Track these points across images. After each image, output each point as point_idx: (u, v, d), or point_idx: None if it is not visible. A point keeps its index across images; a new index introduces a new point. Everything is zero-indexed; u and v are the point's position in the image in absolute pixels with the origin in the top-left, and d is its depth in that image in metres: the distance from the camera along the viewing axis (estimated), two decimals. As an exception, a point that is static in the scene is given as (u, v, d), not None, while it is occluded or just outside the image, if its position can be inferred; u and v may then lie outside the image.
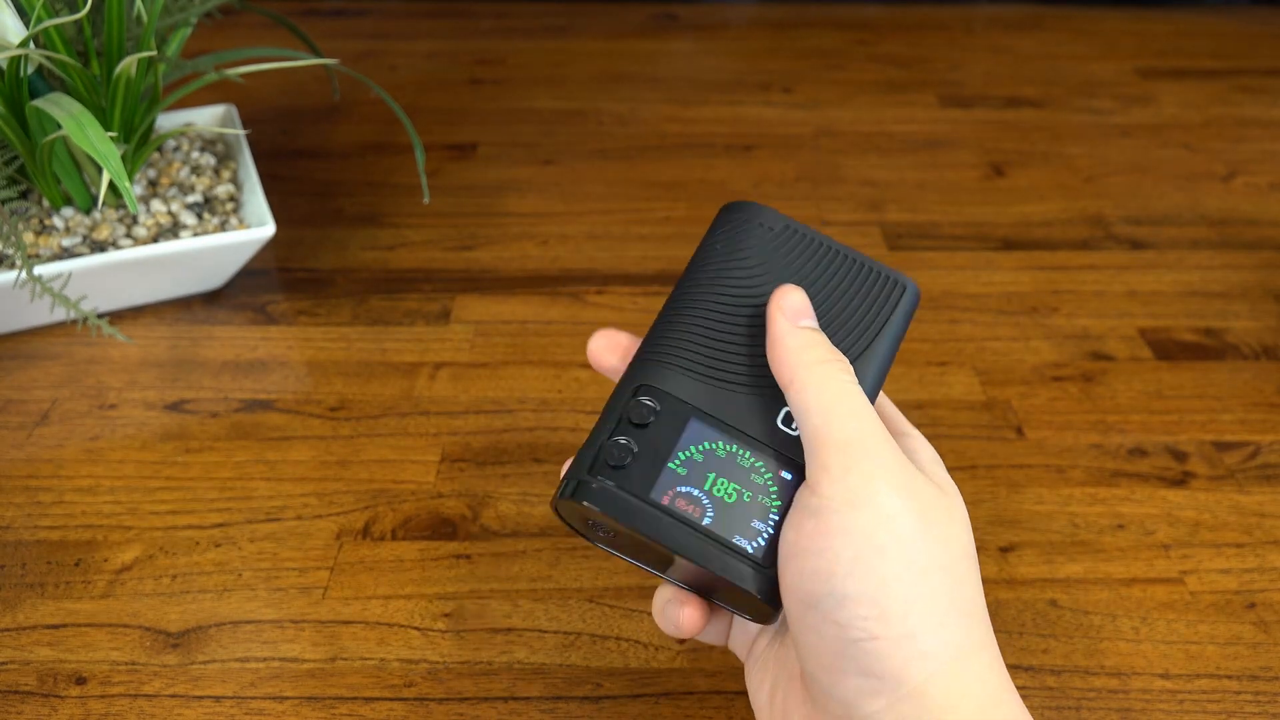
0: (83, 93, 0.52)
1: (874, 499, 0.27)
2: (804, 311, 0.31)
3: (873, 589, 0.26)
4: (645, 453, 0.30)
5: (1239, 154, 0.78)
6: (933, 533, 0.27)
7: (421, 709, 0.38)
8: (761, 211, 0.34)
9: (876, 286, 0.34)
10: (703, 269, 0.33)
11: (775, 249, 0.34)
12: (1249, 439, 0.51)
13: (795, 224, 0.34)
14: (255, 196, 0.59)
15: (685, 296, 0.33)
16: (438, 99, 0.85)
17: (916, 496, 0.27)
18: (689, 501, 0.29)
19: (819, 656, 0.27)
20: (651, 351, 0.32)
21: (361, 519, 0.46)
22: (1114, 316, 0.60)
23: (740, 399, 0.31)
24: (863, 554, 0.26)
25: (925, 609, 0.26)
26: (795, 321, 0.30)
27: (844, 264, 0.34)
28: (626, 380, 0.32)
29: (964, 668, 0.26)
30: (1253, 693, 0.39)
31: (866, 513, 0.26)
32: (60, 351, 0.56)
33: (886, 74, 0.91)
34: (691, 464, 0.30)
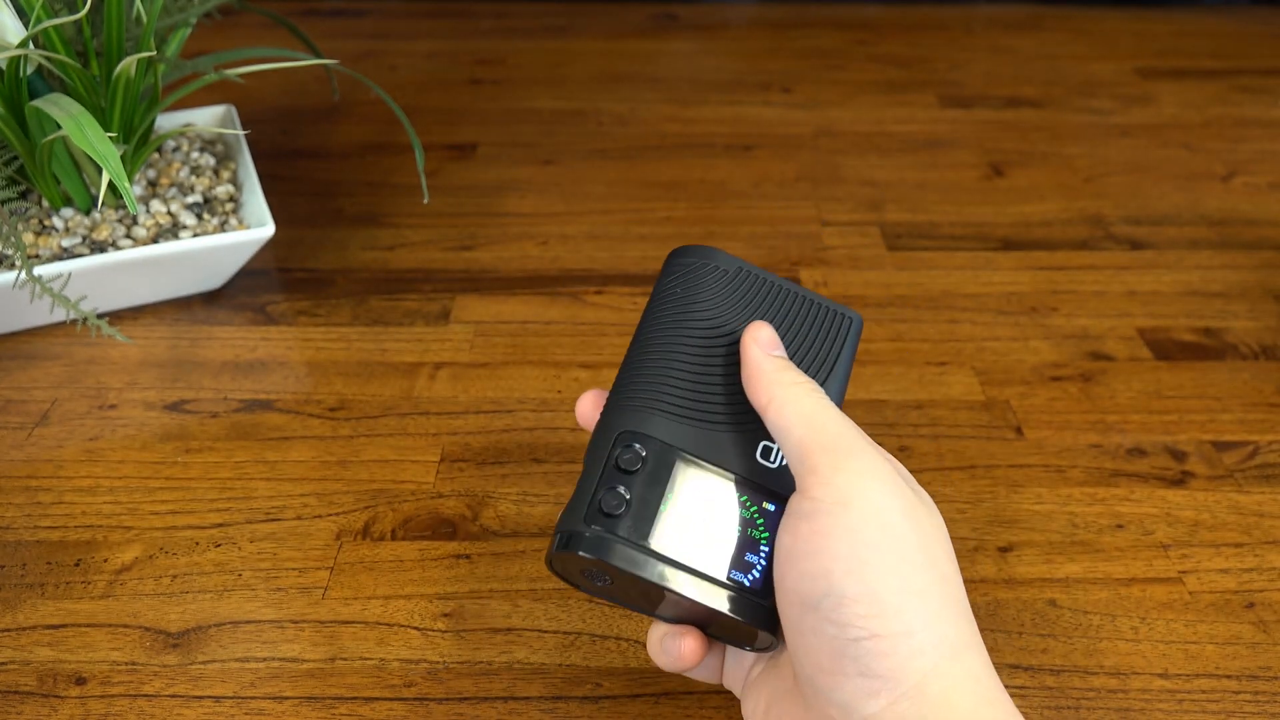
0: (82, 93, 0.52)
1: (864, 496, 0.27)
2: (775, 344, 0.33)
3: (870, 586, 0.26)
4: (638, 499, 0.31)
5: (1239, 154, 0.78)
6: (920, 529, 0.28)
7: (421, 709, 0.38)
8: (713, 254, 0.36)
9: (826, 321, 0.36)
10: (663, 312, 0.35)
11: (730, 290, 0.35)
12: (1248, 439, 0.51)
13: (745, 264, 0.36)
14: (255, 197, 0.59)
15: (651, 340, 0.34)
16: (438, 99, 0.85)
17: (902, 494, 0.28)
18: (682, 545, 0.30)
19: (818, 660, 0.27)
20: (627, 397, 0.33)
21: (361, 519, 0.46)
22: (1113, 316, 0.60)
23: (718, 436, 0.32)
24: (858, 551, 0.27)
25: (920, 605, 0.26)
26: (772, 349, 0.32)
27: (795, 301, 0.36)
28: (605, 428, 0.32)
29: (958, 664, 0.27)
30: (1252, 693, 0.39)
31: (857, 510, 0.27)
32: (60, 352, 0.56)
33: (886, 74, 0.91)
34: (680, 509, 0.31)
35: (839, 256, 0.65)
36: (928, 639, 0.26)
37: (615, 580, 0.31)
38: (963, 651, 0.27)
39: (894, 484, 0.28)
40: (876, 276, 0.63)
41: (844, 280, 0.63)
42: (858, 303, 0.61)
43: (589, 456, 0.32)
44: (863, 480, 0.28)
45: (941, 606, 0.27)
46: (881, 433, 0.51)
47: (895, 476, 0.29)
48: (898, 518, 0.27)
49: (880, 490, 0.28)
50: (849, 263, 0.64)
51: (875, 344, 0.57)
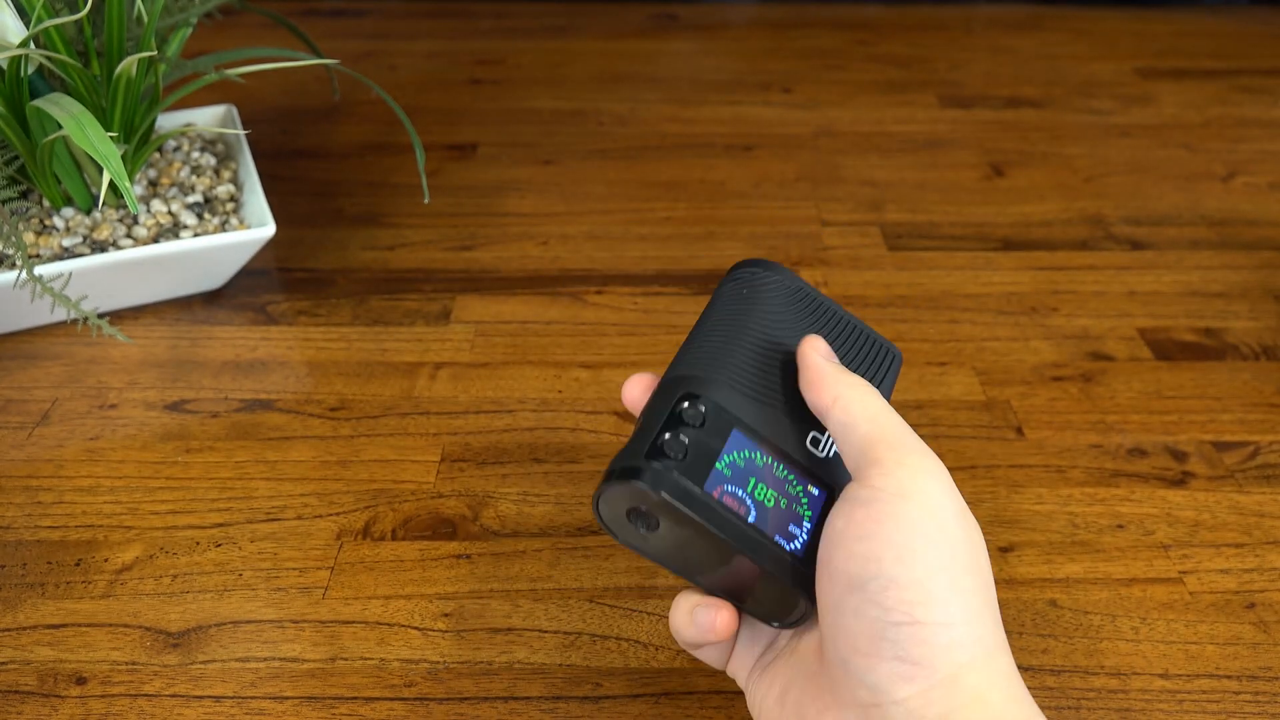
0: (83, 93, 0.52)
1: (924, 491, 0.28)
2: (831, 355, 0.34)
3: (920, 575, 0.27)
4: (695, 449, 0.31)
5: (1239, 154, 0.78)
6: (969, 533, 0.29)
7: (421, 709, 0.38)
8: (776, 268, 0.37)
9: (873, 351, 0.37)
10: (728, 307, 0.36)
11: (790, 301, 0.36)
12: (1248, 439, 0.51)
13: (805, 284, 0.37)
14: (255, 196, 0.59)
15: (716, 327, 0.35)
16: (438, 99, 0.85)
17: (957, 498, 0.29)
18: (735, 500, 0.31)
19: (855, 640, 0.28)
20: (692, 364, 0.33)
21: (361, 519, 0.46)
22: (1113, 316, 0.60)
23: (775, 416, 0.33)
24: (912, 542, 0.27)
25: (963, 602, 0.27)
26: (830, 358, 0.33)
27: (847, 327, 0.37)
28: (669, 386, 0.33)
29: (992, 663, 0.27)
30: (1252, 693, 0.39)
31: (917, 503, 0.28)
32: (60, 351, 0.56)
33: (886, 74, 0.91)
34: (735, 468, 0.31)
35: (839, 256, 0.65)
36: (967, 634, 0.27)
37: (664, 526, 0.31)
38: (996, 652, 0.28)
39: (950, 487, 0.29)
40: (876, 276, 0.63)
41: (844, 280, 0.63)
42: (858, 302, 0.61)
43: (647, 412, 0.33)
44: (923, 477, 0.29)
45: (982, 607, 0.28)
46: (882, 433, 0.51)
47: (950, 480, 0.30)
48: (951, 518, 0.28)
49: (938, 489, 0.29)
50: (849, 263, 0.64)
51: (875, 344, 0.57)
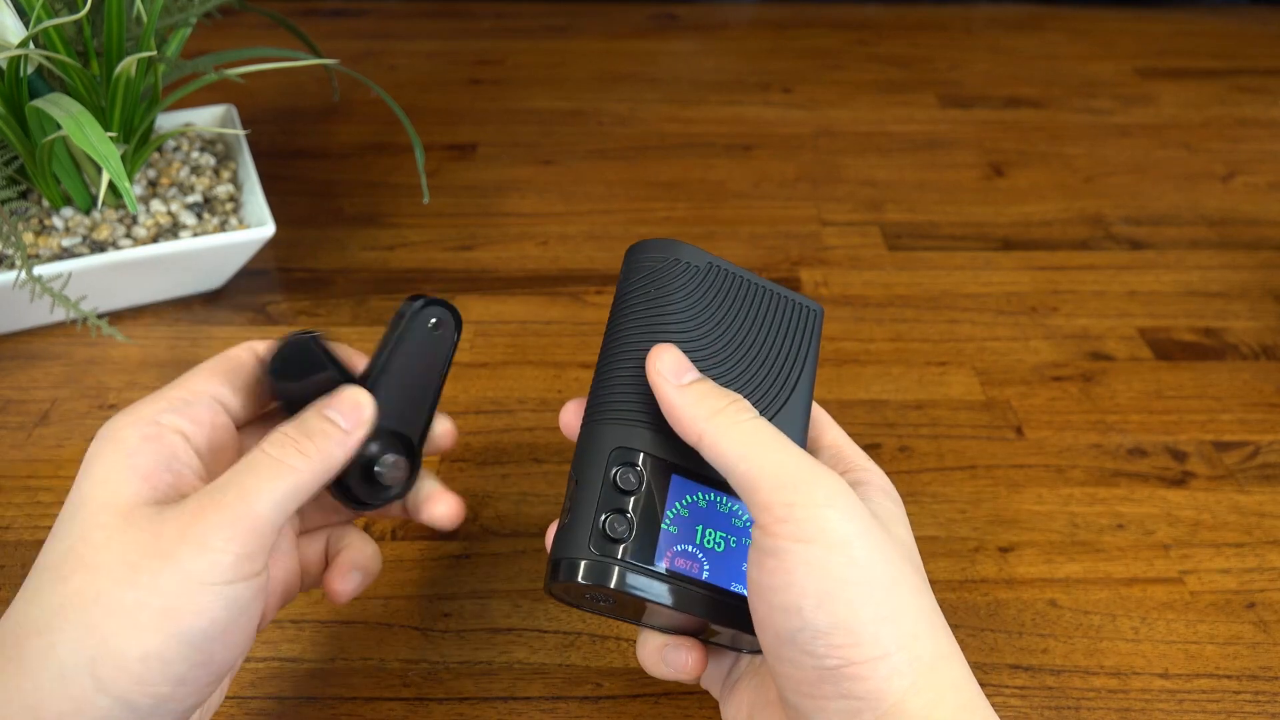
0: (83, 93, 0.52)
1: (823, 530, 0.27)
2: (682, 368, 0.31)
3: (843, 617, 0.26)
4: (640, 520, 0.30)
5: (1238, 154, 0.78)
6: (883, 550, 0.28)
7: (421, 709, 0.38)
8: (676, 248, 0.34)
9: (791, 315, 0.35)
10: (633, 315, 0.33)
11: (697, 287, 0.34)
12: (1249, 439, 0.51)
13: (709, 258, 0.35)
14: (255, 196, 0.59)
15: (625, 347, 0.33)
16: (438, 99, 0.85)
17: (859, 516, 0.28)
18: (686, 559, 0.30)
19: (798, 686, 0.27)
20: (611, 409, 0.32)
21: (361, 521, 0.46)
22: (1113, 316, 0.60)
23: None
24: (825, 585, 0.27)
25: (893, 629, 0.27)
26: (679, 380, 0.30)
27: (761, 296, 0.35)
28: (594, 443, 0.32)
29: (938, 677, 0.27)
30: (1252, 692, 0.39)
31: (820, 545, 0.27)
32: (60, 351, 0.56)
33: (886, 74, 0.91)
34: (680, 520, 0.31)
35: (839, 256, 0.65)
36: (903, 659, 0.27)
37: (619, 601, 0.31)
38: (939, 663, 0.27)
39: (849, 508, 0.28)
40: (876, 276, 0.63)
41: (844, 280, 0.63)
42: (858, 303, 0.61)
43: (581, 472, 0.31)
44: (818, 512, 0.27)
45: (914, 624, 0.27)
46: (882, 433, 0.51)
47: (848, 497, 0.28)
48: (861, 543, 0.27)
49: (838, 519, 0.27)
50: (849, 263, 0.64)
51: (875, 344, 0.57)
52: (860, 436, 0.50)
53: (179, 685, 0.27)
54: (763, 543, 0.28)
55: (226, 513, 0.27)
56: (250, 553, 0.27)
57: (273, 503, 0.28)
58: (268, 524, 0.28)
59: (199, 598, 0.26)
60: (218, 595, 0.27)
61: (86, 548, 0.27)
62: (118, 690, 0.26)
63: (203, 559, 0.27)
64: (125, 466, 0.28)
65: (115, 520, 0.27)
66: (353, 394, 0.31)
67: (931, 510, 0.47)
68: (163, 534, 0.27)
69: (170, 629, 0.26)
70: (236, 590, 0.27)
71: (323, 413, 0.30)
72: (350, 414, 0.31)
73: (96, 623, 0.26)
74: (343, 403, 0.31)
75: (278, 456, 0.29)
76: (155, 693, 0.26)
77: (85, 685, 0.25)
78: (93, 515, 0.27)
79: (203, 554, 0.27)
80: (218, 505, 0.27)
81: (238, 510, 0.27)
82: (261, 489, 0.28)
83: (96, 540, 0.27)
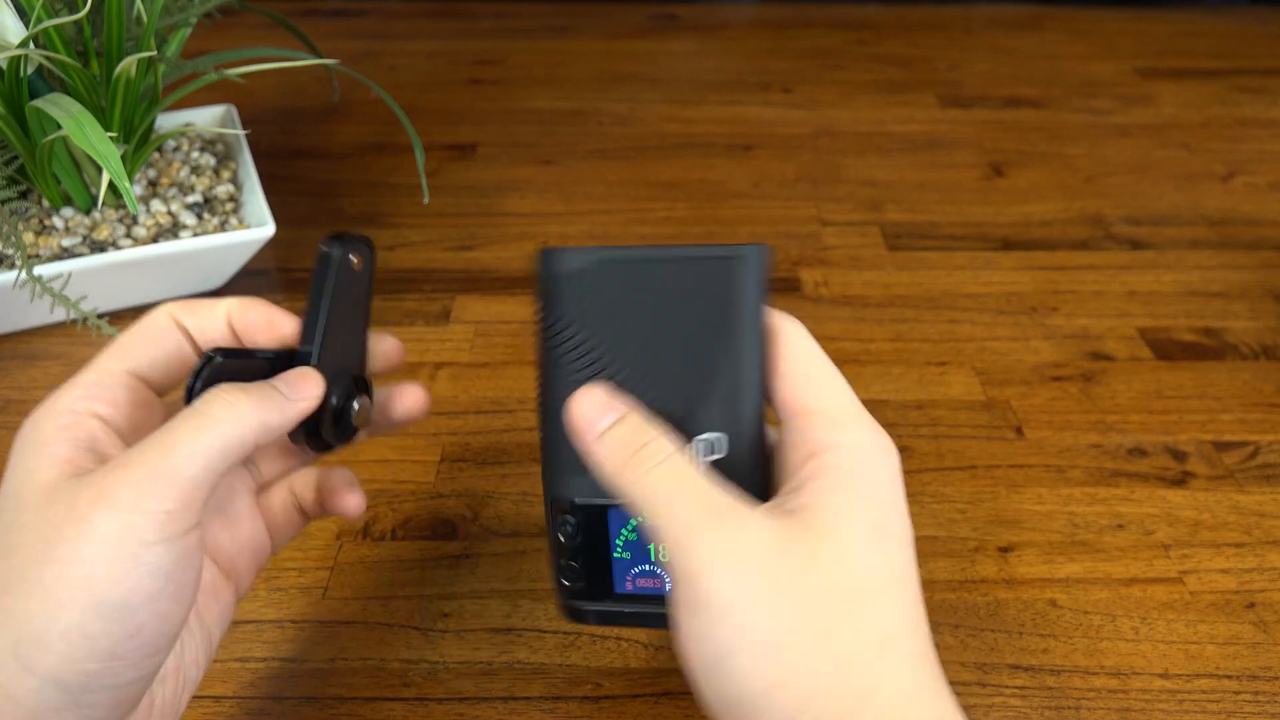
0: (83, 93, 0.52)
1: (707, 600, 0.25)
2: (597, 414, 0.29)
3: (731, 693, 0.25)
4: (588, 562, 0.32)
5: (1238, 154, 0.78)
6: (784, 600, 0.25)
7: (421, 709, 0.38)
8: (566, 258, 0.31)
9: (714, 276, 0.30)
10: (548, 347, 0.31)
11: (601, 296, 0.30)
12: (1249, 439, 0.51)
13: (603, 253, 0.31)
14: (255, 196, 0.59)
15: (547, 384, 0.31)
16: (438, 99, 0.85)
17: (752, 571, 0.25)
18: (647, 577, 0.32)
19: None
20: (547, 453, 0.32)
21: (361, 519, 0.46)
22: (1113, 316, 0.60)
23: None
24: (713, 658, 0.25)
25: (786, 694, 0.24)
26: (594, 431, 0.28)
27: (673, 270, 0.30)
28: (544, 485, 0.32)
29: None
30: (1252, 693, 0.39)
31: (704, 616, 0.25)
32: (60, 351, 0.56)
33: (886, 74, 0.91)
34: (631, 544, 0.32)
35: (839, 256, 0.65)
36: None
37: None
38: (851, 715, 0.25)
39: (739, 566, 0.25)
40: (876, 276, 0.63)
41: (844, 280, 0.63)
42: (858, 303, 0.61)
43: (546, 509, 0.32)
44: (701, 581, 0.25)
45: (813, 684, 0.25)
46: (882, 433, 0.51)
47: (736, 556, 0.25)
48: (745, 609, 0.25)
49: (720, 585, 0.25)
50: (849, 263, 0.64)
51: (875, 344, 0.57)
52: (860, 436, 0.51)
53: (109, 660, 0.25)
54: (690, 626, 0.26)
55: (140, 469, 0.26)
56: (170, 510, 0.26)
57: (193, 455, 0.26)
58: (189, 479, 0.26)
59: (116, 564, 0.25)
60: (135, 560, 0.25)
61: (9, 533, 0.26)
62: (43, 670, 0.24)
63: (114, 519, 0.25)
64: (45, 455, 0.27)
65: (37, 500, 0.26)
66: (299, 372, 0.30)
67: (931, 510, 0.47)
68: (78, 500, 0.25)
69: (86, 600, 0.25)
70: (157, 553, 0.25)
71: (269, 381, 0.30)
72: (297, 385, 0.30)
73: (15, 605, 0.25)
74: (290, 376, 0.30)
75: (203, 411, 0.27)
76: (83, 670, 0.25)
77: (11, 669, 0.25)
78: (16, 504, 0.26)
79: (114, 513, 0.25)
80: (132, 462, 0.26)
81: (155, 465, 0.26)
82: (180, 442, 0.26)
83: (21, 523, 0.26)
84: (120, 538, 0.25)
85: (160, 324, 0.31)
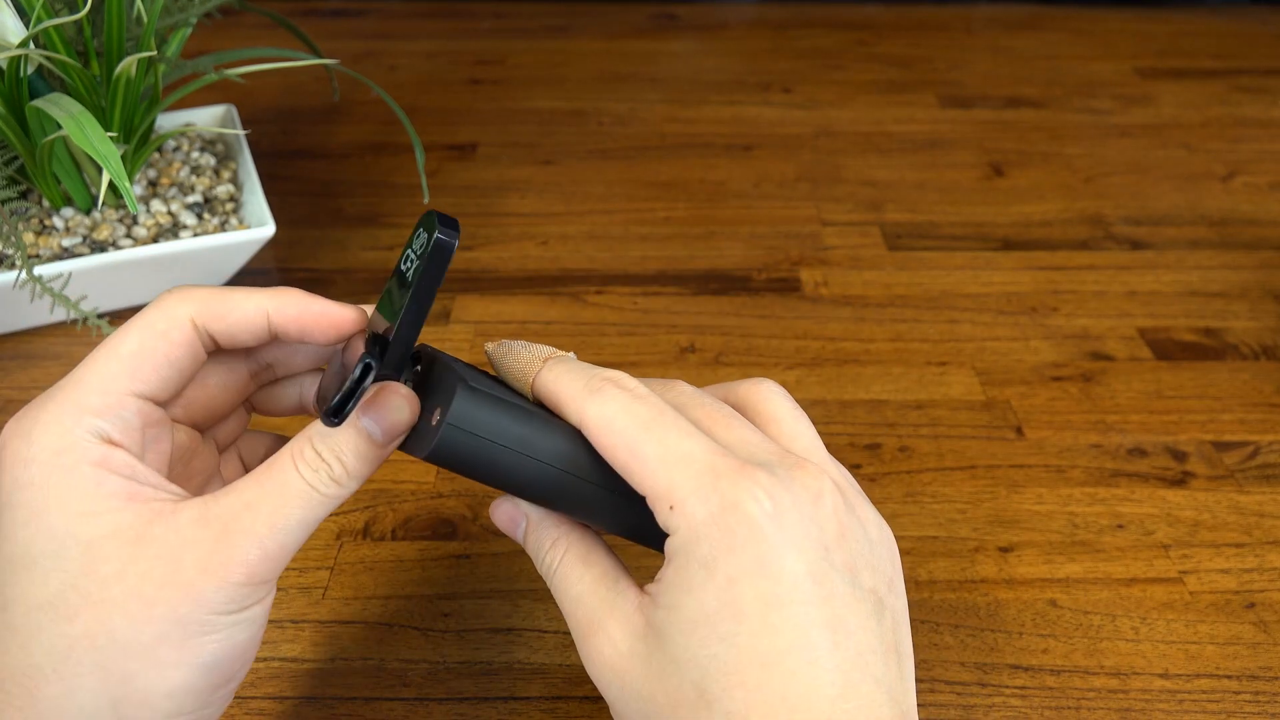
0: (83, 93, 0.52)
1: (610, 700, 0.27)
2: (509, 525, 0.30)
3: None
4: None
5: (1238, 154, 0.78)
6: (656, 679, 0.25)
7: (421, 709, 0.38)
8: None
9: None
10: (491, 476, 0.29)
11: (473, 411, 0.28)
12: (1249, 439, 0.51)
13: None
14: (255, 196, 0.59)
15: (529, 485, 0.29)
16: (438, 99, 0.85)
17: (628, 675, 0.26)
18: None
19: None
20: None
21: (361, 519, 0.46)
22: (1114, 316, 0.60)
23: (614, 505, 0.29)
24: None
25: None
26: (517, 538, 0.30)
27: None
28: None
29: None
30: (1252, 693, 0.39)
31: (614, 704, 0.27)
32: (60, 351, 0.56)
33: (886, 74, 0.91)
34: None
35: (839, 256, 0.65)
36: None
37: None
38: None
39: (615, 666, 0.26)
40: (876, 276, 0.63)
41: (844, 280, 0.63)
42: (858, 303, 0.61)
43: None
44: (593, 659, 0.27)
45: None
46: (882, 433, 0.51)
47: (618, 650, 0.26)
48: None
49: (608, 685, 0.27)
50: (849, 263, 0.64)
51: (875, 344, 0.57)
52: (860, 436, 0.51)
53: (202, 709, 0.26)
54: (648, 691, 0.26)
55: (254, 546, 0.25)
56: (265, 581, 0.26)
57: (301, 529, 0.26)
58: (292, 551, 0.26)
59: (220, 625, 0.25)
60: (235, 620, 0.26)
61: (92, 584, 0.24)
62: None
63: (224, 592, 0.25)
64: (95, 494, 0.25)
65: (125, 550, 0.25)
66: (393, 399, 0.27)
67: (931, 510, 0.47)
68: (182, 563, 0.25)
69: (193, 660, 0.25)
70: (254, 611, 0.26)
71: (361, 427, 0.27)
72: (389, 426, 0.27)
73: (115, 664, 0.24)
74: (384, 412, 0.27)
75: (311, 483, 0.26)
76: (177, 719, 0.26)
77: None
78: (94, 547, 0.25)
79: (225, 588, 0.25)
80: (245, 533, 0.25)
81: (267, 545, 0.25)
82: (291, 517, 0.26)
83: (105, 574, 0.25)
84: (225, 606, 0.25)
85: (175, 336, 0.27)
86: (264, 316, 0.28)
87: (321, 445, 0.27)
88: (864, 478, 0.48)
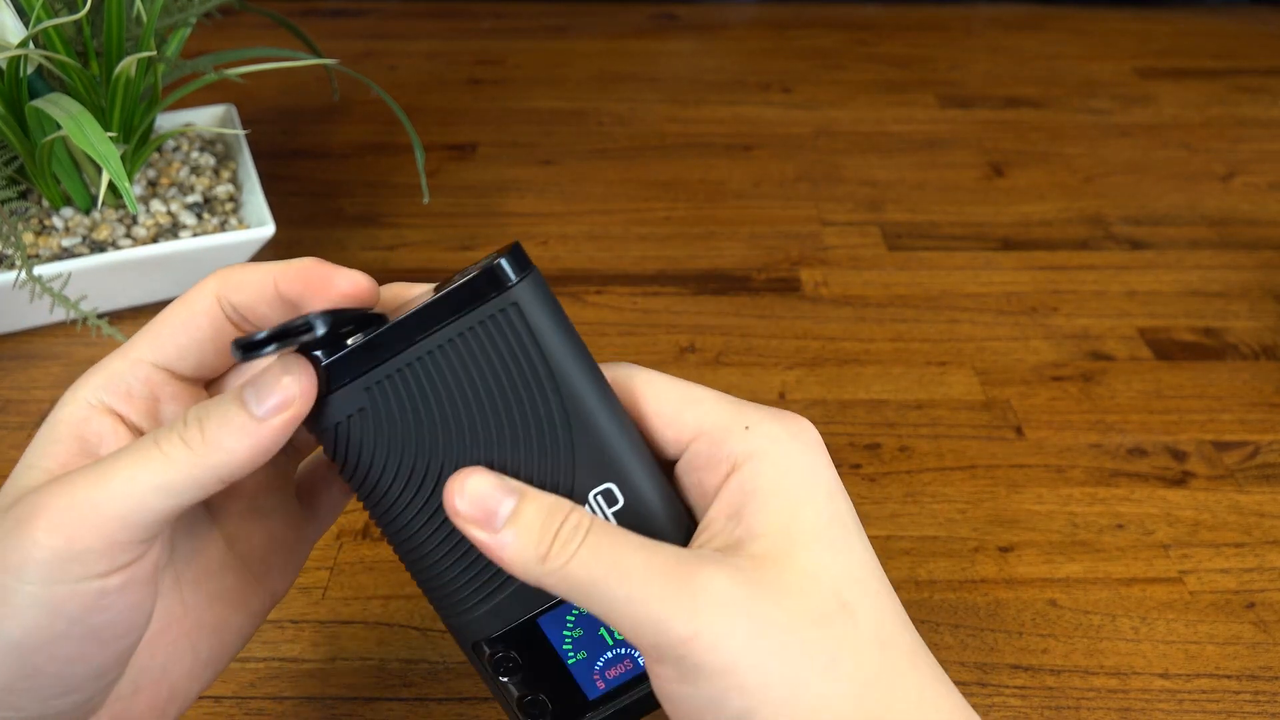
0: (82, 93, 0.52)
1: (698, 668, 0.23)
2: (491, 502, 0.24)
3: None
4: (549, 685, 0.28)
5: (1238, 154, 0.78)
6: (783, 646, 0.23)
7: (421, 709, 0.38)
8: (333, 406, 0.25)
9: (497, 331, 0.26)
10: (374, 501, 0.27)
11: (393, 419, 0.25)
12: (1248, 439, 0.51)
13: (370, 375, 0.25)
14: (255, 196, 0.59)
15: (397, 533, 0.27)
16: (438, 99, 0.85)
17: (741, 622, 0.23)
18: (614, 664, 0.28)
19: None
20: (440, 604, 0.27)
21: (361, 519, 0.46)
22: (1113, 316, 0.60)
23: None
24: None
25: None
26: (492, 525, 0.24)
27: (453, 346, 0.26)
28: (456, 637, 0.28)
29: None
30: (1252, 692, 0.39)
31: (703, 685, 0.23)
32: (60, 351, 0.56)
33: (886, 74, 0.91)
34: (579, 641, 0.28)
35: (839, 256, 0.65)
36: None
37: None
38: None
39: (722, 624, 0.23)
40: (876, 276, 0.63)
41: (844, 280, 0.63)
42: (858, 303, 0.61)
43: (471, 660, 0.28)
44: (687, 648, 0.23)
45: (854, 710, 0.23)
46: (882, 433, 0.51)
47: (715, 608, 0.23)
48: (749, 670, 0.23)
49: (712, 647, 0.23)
50: (849, 263, 0.64)
51: (875, 344, 0.57)
52: (860, 436, 0.51)
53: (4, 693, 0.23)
54: (653, 683, 0.25)
55: (62, 500, 0.23)
56: (79, 553, 0.22)
57: (126, 495, 0.23)
58: (113, 521, 0.23)
59: (14, 598, 0.22)
60: (32, 597, 0.22)
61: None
62: None
63: (18, 553, 0.22)
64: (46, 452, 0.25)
65: (18, 506, 0.24)
66: (283, 377, 0.24)
67: (931, 510, 0.47)
68: (33, 522, 0.23)
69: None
70: (56, 594, 0.23)
71: (239, 393, 0.24)
72: (269, 396, 0.24)
73: None
74: (265, 382, 0.24)
75: (159, 443, 0.24)
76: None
77: None
78: (7, 497, 0.24)
79: (20, 548, 0.23)
80: (60, 491, 0.23)
81: (76, 498, 0.23)
82: (115, 478, 0.23)
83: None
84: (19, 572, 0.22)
85: (198, 306, 0.26)
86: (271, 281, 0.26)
87: (195, 407, 0.24)
88: (864, 478, 0.48)
